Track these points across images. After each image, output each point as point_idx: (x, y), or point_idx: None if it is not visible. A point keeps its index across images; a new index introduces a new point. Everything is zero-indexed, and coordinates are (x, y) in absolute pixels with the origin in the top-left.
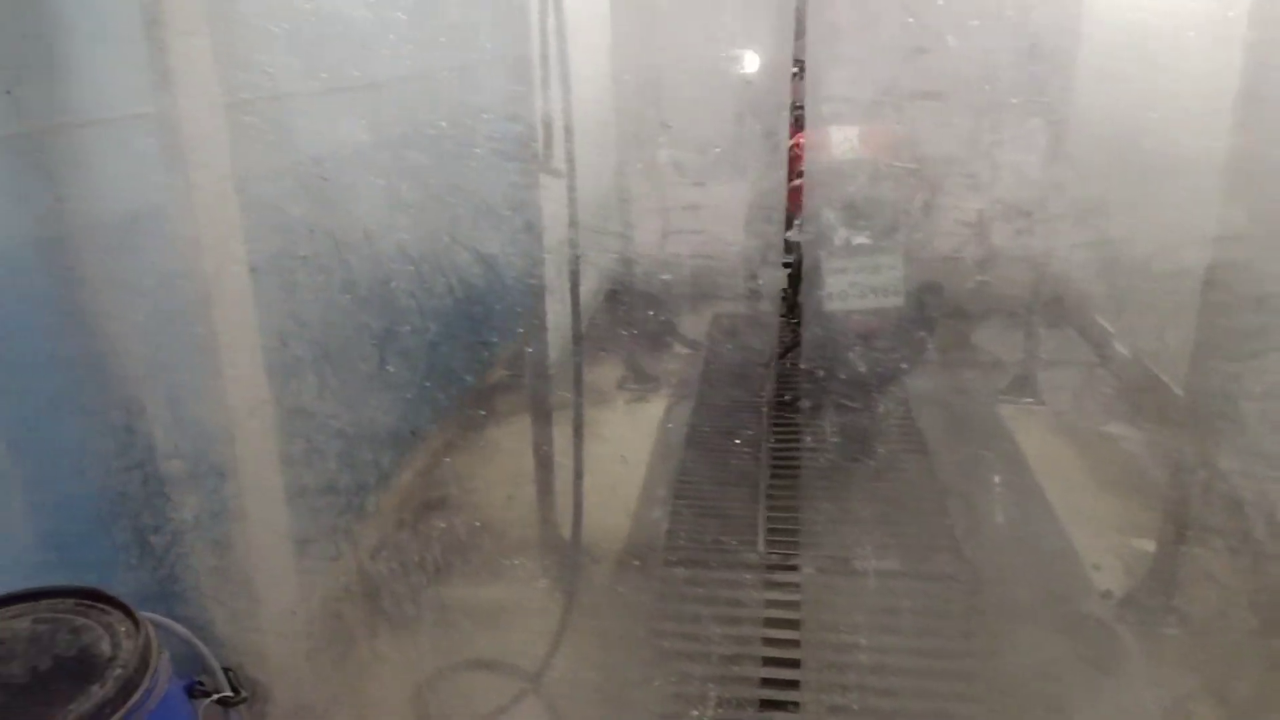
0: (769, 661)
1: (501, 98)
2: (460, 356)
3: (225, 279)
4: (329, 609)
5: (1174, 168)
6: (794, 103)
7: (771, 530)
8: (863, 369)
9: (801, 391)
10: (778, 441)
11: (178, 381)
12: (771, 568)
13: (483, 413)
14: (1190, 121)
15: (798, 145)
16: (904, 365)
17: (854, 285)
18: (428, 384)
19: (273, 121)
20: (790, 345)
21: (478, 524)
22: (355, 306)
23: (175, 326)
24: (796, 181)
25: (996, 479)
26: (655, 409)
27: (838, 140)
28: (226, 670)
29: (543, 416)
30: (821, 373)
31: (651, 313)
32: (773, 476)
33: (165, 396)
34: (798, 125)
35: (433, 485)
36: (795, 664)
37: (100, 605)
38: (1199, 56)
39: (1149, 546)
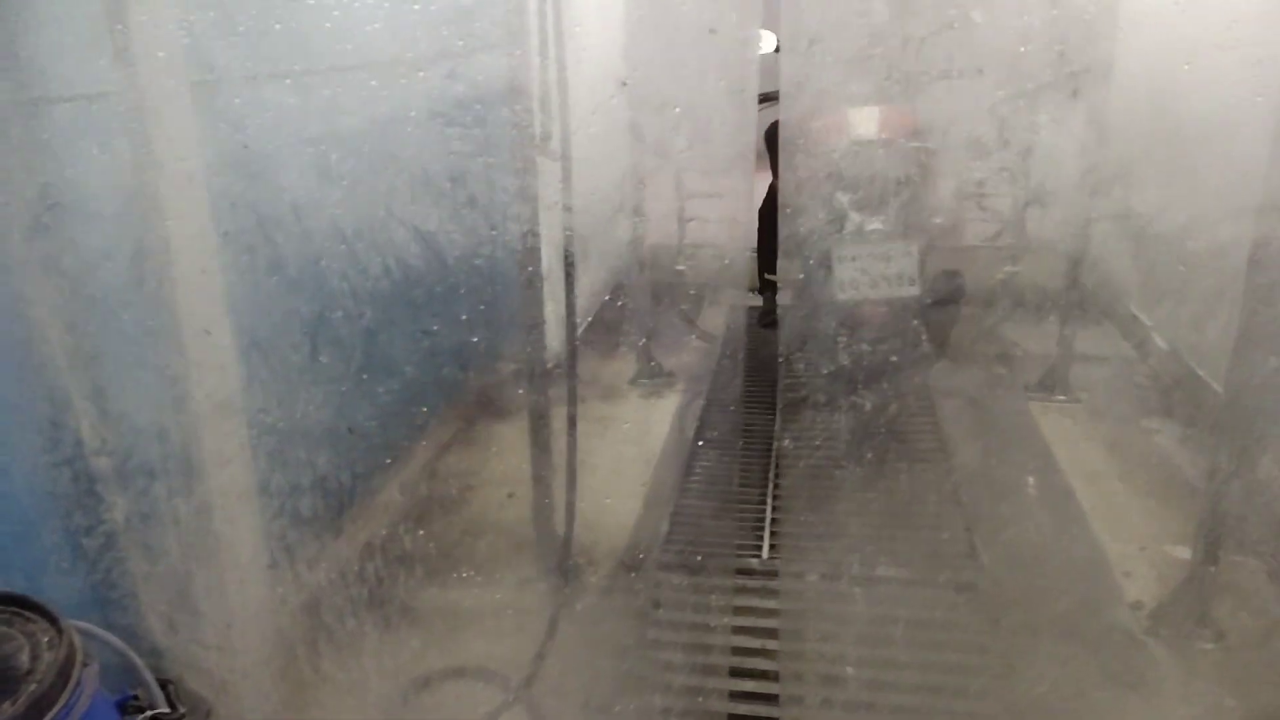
0: (764, 675)
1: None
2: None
3: (185, 262)
4: (279, 619)
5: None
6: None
7: (776, 535)
8: (877, 363)
9: (814, 388)
10: (789, 440)
11: (108, 373)
12: (774, 574)
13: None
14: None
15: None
16: (922, 359)
17: (865, 273)
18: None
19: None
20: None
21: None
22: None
23: (109, 314)
24: None
25: (1022, 480)
26: (669, 404)
27: (856, 122)
28: (164, 684)
29: (542, 414)
30: (832, 368)
31: (666, 304)
32: (781, 477)
33: (93, 389)
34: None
35: (423, 484)
36: (794, 678)
37: (25, 613)
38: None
39: (1184, 554)
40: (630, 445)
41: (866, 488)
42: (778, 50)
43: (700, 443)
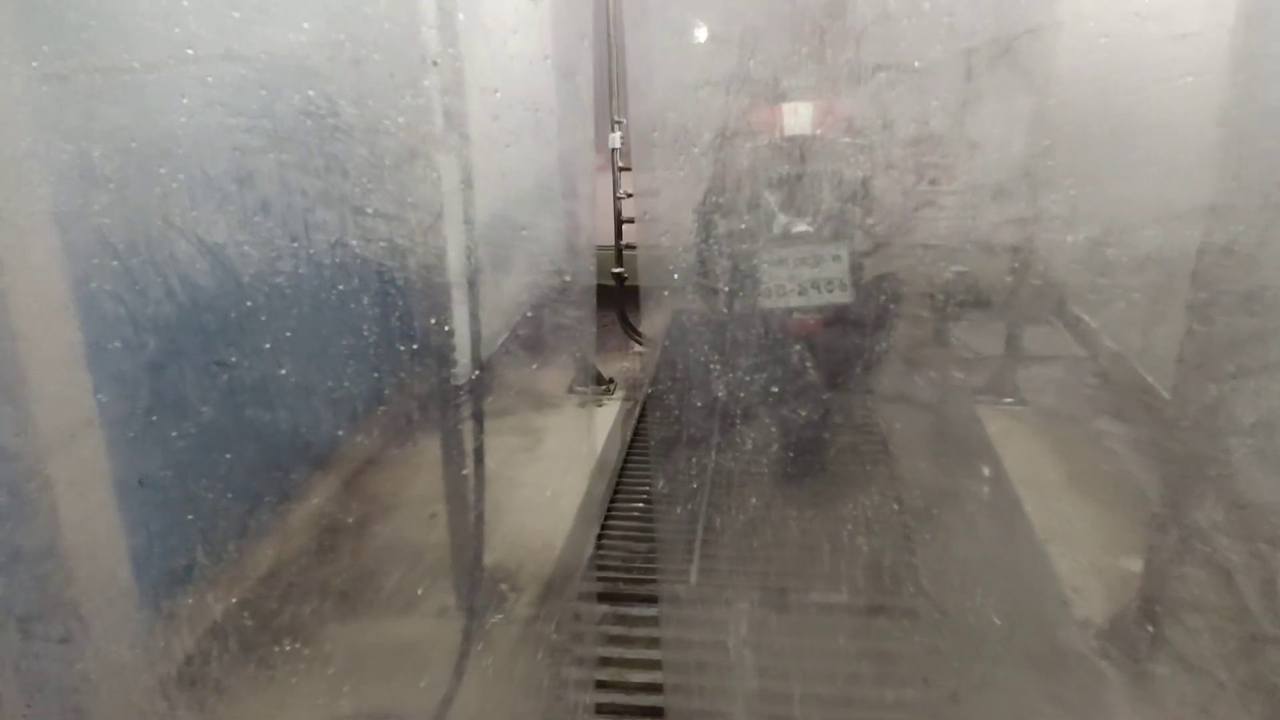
0: (691, 716)
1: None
2: (366, 362)
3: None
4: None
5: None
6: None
7: (706, 557)
8: (810, 373)
9: (749, 398)
10: (723, 454)
11: None
12: (702, 602)
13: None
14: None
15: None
16: (857, 368)
17: (792, 279)
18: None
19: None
20: None
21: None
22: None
23: None
24: None
25: (967, 490)
26: (607, 413)
27: (789, 116)
28: None
29: (455, 436)
30: (762, 378)
31: (603, 308)
32: (714, 491)
33: None
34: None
35: (335, 508)
36: (719, 718)
37: None
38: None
39: (1135, 566)
40: (563, 459)
41: (800, 504)
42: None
43: (635, 454)
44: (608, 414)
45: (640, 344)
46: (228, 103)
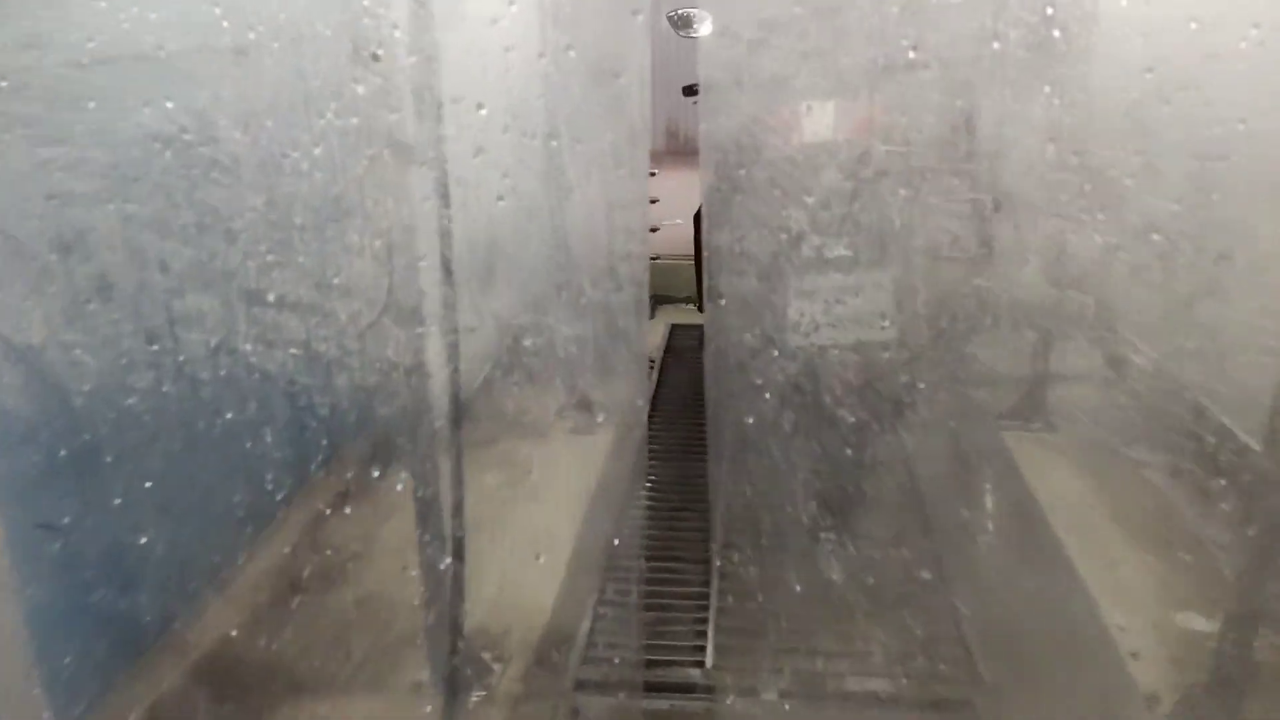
0: None
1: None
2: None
3: None
4: None
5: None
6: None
7: (722, 631)
8: (844, 421)
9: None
10: (736, 501)
11: None
12: (720, 690)
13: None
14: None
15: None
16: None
17: (827, 314)
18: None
19: None
20: None
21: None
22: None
23: None
24: None
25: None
26: (599, 442)
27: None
28: None
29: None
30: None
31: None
32: (727, 548)
33: None
34: None
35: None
36: None
37: None
38: None
39: (1198, 624)
40: (551, 498)
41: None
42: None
43: (633, 494)
44: (601, 441)
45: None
46: (36, 123)
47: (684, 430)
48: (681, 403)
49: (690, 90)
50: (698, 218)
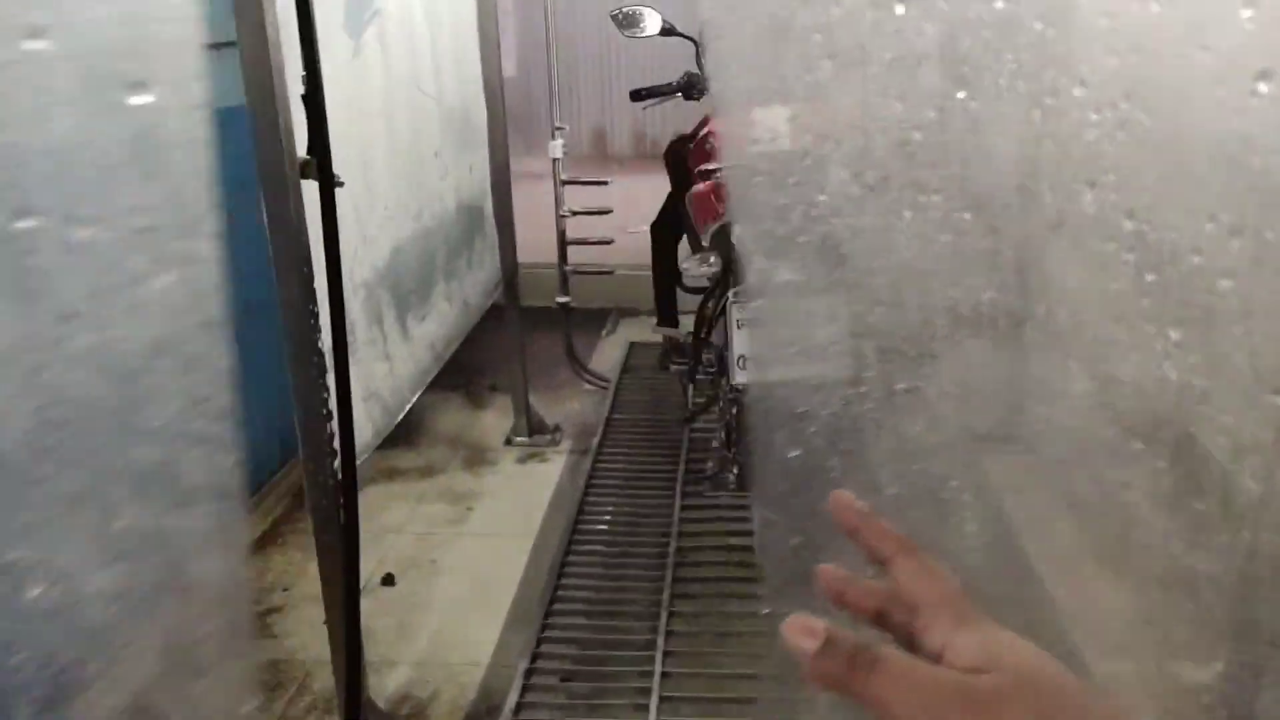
0: None
1: None
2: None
3: None
4: None
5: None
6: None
7: (670, 677)
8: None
9: (722, 463)
10: (689, 527)
11: None
12: None
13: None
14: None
15: (711, 134)
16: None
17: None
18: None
19: None
20: (702, 406)
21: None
22: None
23: None
24: (703, 184)
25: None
26: (550, 470)
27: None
28: None
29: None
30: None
31: (547, 343)
32: (677, 583)
33: None
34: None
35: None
36: None
37: None
38: None
39: (1197, 675)
40: (495, 535)
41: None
42: (665, 33)
43: (579, 531)
44: (551, 470)
45: (590, 382)
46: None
47: (639, 459)
48: (637, 423)
49: (637, 95)
50: (655, 228)
